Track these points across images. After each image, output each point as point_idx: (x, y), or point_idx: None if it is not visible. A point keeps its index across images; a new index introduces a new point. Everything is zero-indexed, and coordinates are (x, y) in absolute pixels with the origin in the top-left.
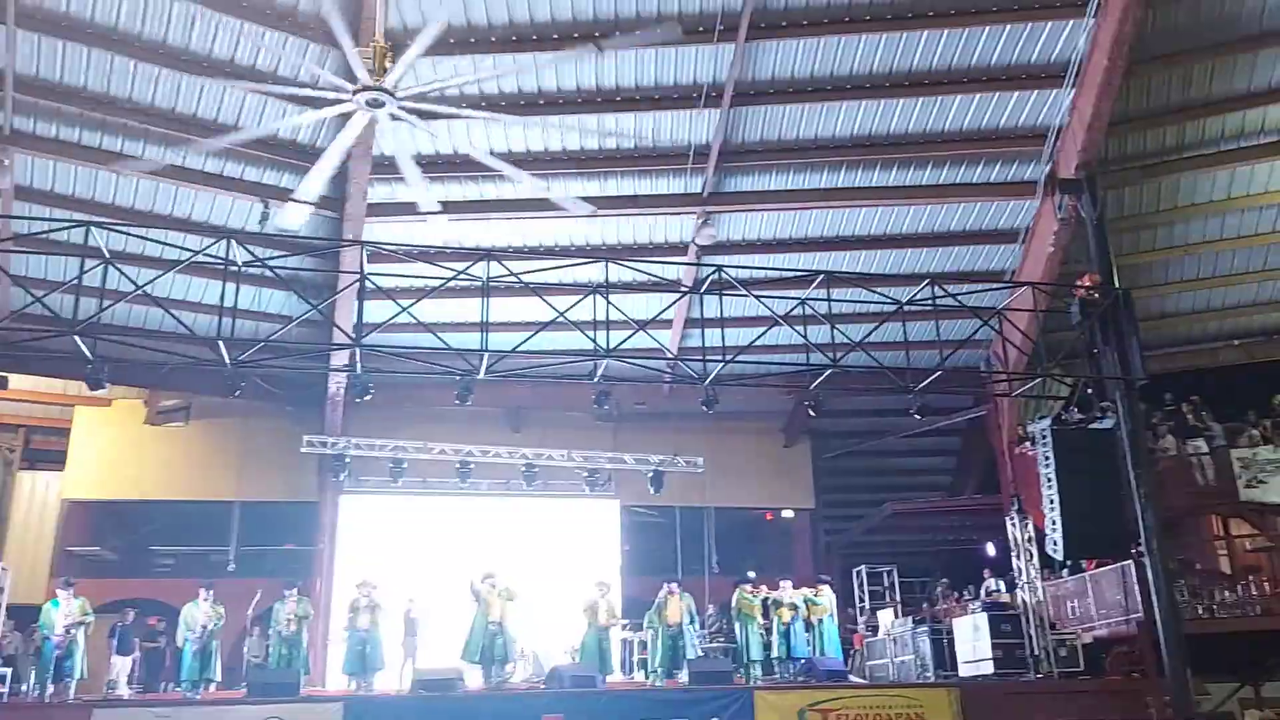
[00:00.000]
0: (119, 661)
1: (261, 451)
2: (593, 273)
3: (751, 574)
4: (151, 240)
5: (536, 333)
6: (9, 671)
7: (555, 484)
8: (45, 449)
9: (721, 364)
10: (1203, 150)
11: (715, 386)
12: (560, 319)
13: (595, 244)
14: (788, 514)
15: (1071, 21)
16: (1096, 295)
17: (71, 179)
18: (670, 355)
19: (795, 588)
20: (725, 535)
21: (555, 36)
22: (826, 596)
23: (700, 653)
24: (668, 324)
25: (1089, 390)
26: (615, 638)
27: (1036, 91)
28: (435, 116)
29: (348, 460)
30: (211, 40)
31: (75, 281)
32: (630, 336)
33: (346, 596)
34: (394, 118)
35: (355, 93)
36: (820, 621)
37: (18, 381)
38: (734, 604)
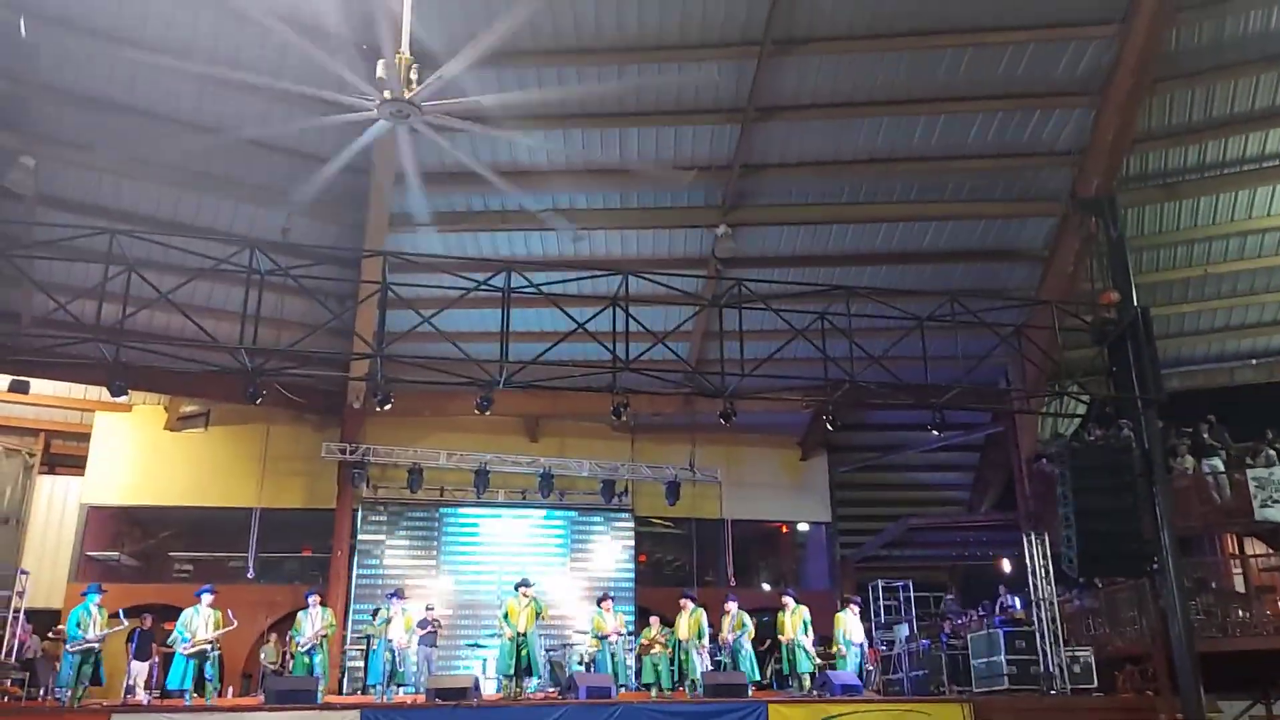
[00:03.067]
0: (137, 667)
1: (281, 458)
2: (612, 284)
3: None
4: (174, 248)
5: (556, 343)
6: (26, 675)
7: (572, 494)
8: (66, 454)
9: (740, 377)
10: (1224, 170)
11: (733, 399)
12: (580, 330)
13: (615, 256)
14: (804, 527)
15: (1095, 40)
16: (1115, 313)
17: (96, 186)
18: (689, 368)
19: (798, 602)
20: (742, 547)
21: (580, 50)
22: (850, 624)
23: (709, 666)
24: (687, 335)
25: (1107, 408)
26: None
27: (1059, 109)
28: (459, 129)
29: (367, 468)
30: (236, 50)
31: (98, 288)
32: (650, 349)
33: (365, 604)
34: (423, 127)
35: (379, 105)
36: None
37: (39, 386)
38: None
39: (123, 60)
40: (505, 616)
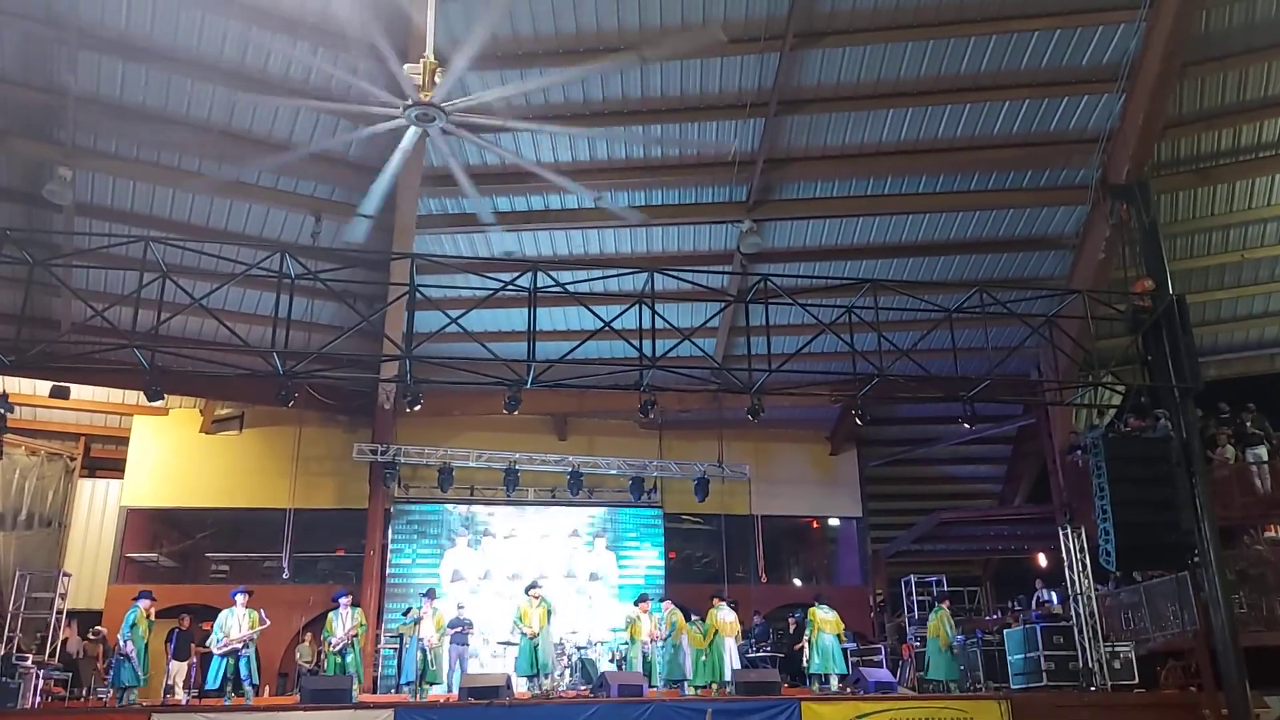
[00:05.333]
0: (175, 666)
1: (314, 460)
2: (638, 282)
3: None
4: (207, 254)
5: (583, 342)
6: (69, 675)
7: (601, 492)
8: (105, 457)
9: (767, 373)
10: (1260, 153)
11: (761, 395)
12: (606, 328)
13: (641, 253)
14: (834, 522)
15: (1122, 24)
16: (1150, 301)
17: (130, 194)
18: (716, 364)
19: (822, 602)
20: (772, 543)
21: (602, 48)
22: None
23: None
24: (713, 332)
25: (1142, 398)
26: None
27: (1087, 95)
28: (484, 130)
29: (398, 468)
30: (265, 58)
31: (134, 295)
32: (676, 345)
33: (397, 604)
34: (444, 131)
35: (405, 108)
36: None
37: (79, 391)
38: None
39: (155, 70)
40: (519, 619)
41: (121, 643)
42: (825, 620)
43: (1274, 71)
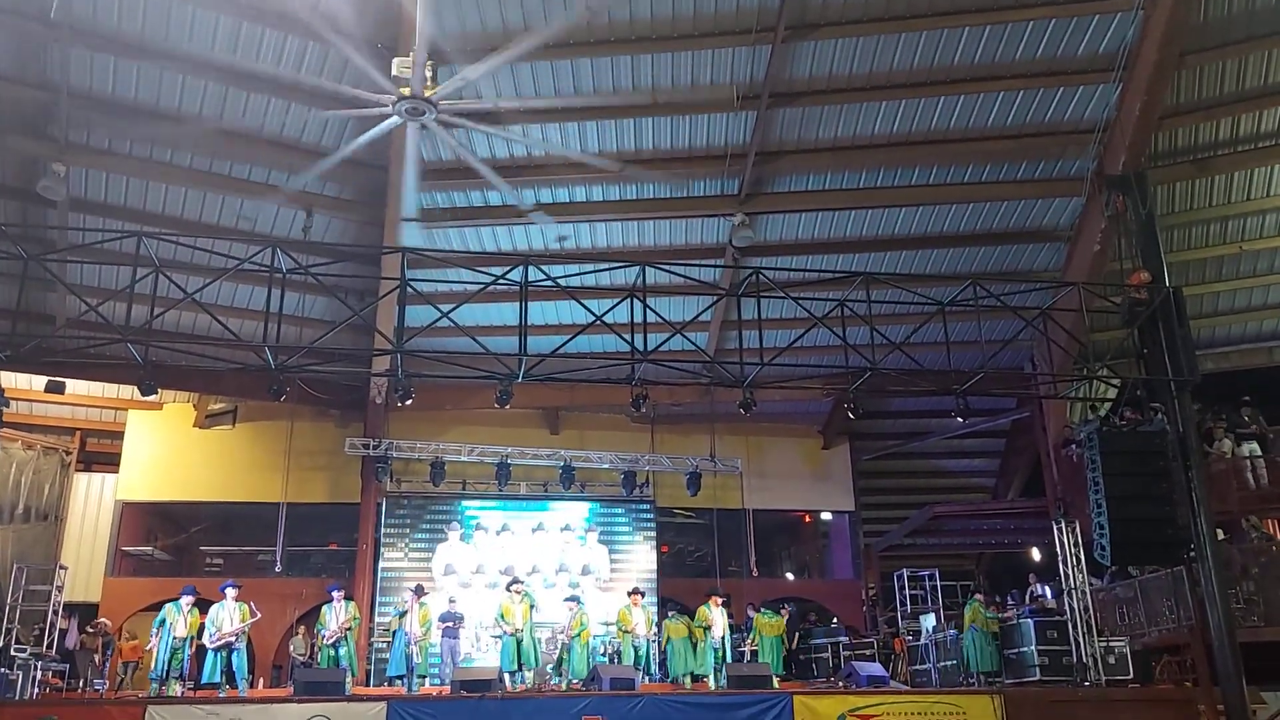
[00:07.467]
0: None
1: (306, 454)
2: (630, 276)
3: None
4: (199, 249)
5: (574, 336)
6: (66, 667)
7: (593, 486)
8: (100, 451)
9: (759, 366)
10: (1259, 143)
11: (753, 389)
12: (598, 322)
13: (632, 247)
14: (827, 516)
15: (1119, 13)
16: (1145, 294)
17: (123, 190)
18: (708, 358)
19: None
20: (764, 537)
21: (592, 41)
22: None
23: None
24: (705, 325)
25: (1139, 391)
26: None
27: (1083, 86)
28: (474, 124)
29: (390, 462)
30: (257, 53)
31: (128, 290)
32: (668, 339)
33: (389, 597)
34: (431, 126)
35: (396, 102)
36: None
37: (74, 386)
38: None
39: (148, 66)
40: (501, 616)
41: (151, 639)
42: (767, 624)
43: (1273, 61)
